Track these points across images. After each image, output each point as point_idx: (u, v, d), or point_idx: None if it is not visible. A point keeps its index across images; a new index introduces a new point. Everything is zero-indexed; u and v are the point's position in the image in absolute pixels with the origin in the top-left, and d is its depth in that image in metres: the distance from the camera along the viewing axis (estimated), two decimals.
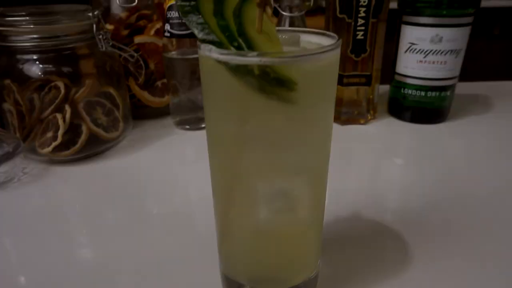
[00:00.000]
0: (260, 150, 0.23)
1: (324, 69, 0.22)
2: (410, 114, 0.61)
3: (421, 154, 0.53)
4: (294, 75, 0.20)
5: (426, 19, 0.54)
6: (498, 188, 0.44)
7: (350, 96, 0.61)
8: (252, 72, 0.20)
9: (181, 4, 0.22)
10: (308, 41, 0.26)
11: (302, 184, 0.25)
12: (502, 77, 2.18)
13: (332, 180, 0.46)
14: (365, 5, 0.53)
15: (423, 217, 0.39)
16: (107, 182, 0.47)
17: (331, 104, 0.24)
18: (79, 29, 0.48)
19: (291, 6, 0.55)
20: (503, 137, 0.57)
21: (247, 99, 0.21)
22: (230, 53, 0.20)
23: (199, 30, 0.22)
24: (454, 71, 0.57)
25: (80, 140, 0.50)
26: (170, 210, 0.41)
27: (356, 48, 0.56)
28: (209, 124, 0.24)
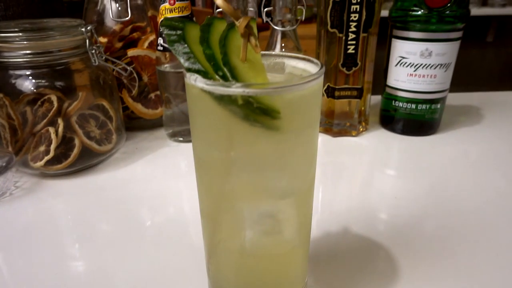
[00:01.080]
0: (246, 175, 0.23)
1: (307, 97, 0.22)
2: (402, 126, 0.62)
3: (412, 167, 0.53)
4: (277, 105, 0.21)
5: (416, 34, 0.55)
6: (488, 201, 0.44)
7: (342, 108, 0.62)
8: (236, 102, 0.21)
9: (167, 33, 0.23)
10: (294, 66, 0.26)
11: (288, 206, 0.25)
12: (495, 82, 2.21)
13: (322, 193, 0.47)
14: (356, 20, 0.54)
15: (413, 232, 0.39)
16: (99, 196, 0.47)
17: (314, 129, 0.25)
18: (72, 44, 0.48)
19: (283, 21, 0.56)
20: (493, 149, 0.58)
21: (232, 126, 0.22)
22: (215, 84, 0.21)
23: (185, 59, 0.22)
24: (444, 84, 0.58)
25: (73, 154, 0.50)
26: (163, 223, 0.42)
27: (347, 62, 0.57)
28: (195, 148, 0.25)
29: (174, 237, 0.39)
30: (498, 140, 0.61)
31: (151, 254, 0.37)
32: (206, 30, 0.23)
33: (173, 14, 0.53)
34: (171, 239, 0.39)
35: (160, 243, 0.39)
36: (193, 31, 0.23)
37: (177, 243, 0.38)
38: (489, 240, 0.38)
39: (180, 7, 0.53)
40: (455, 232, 0.39)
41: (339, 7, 0.54)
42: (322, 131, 0.63)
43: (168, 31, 0.23)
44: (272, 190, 0.24)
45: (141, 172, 0.53)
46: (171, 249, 0.38)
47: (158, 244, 0.39)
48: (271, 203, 0.24)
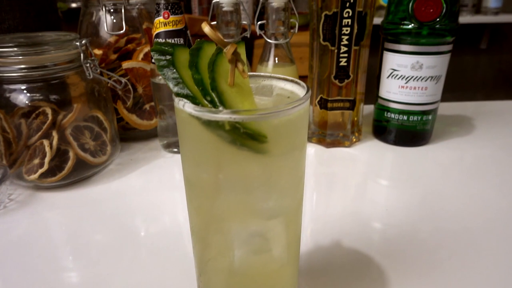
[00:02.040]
0: (234, 196, 0.24)
1: (294, 121, 0.23)
2: (394, 137, 0.63)
3: (403, 178, 0.54)
4: (263, 130, 0.21)
5: (407, 47, 0.56)
6: (479, 213, 0.45)
7: (335, 118, 0.62)
8: (223, 127, 0.21)
9: (157, 58, 0.23)
10: (282, 87, 0.27)
11: (276, 226, 0.26)
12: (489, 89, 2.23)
13: (314, 205, 0.48)
14: (348, 34, 0.55)
15: (404, 245, 0.40)
16: (94, 208, 0.48)
17: (301, 150, 0.25)
18: (67, 58, 0.49)
19: (276, 34, 0.56)
20: (484, 160, 0.59)
21: (220, 149, 0.22)
22: (202, 110, 0.21)
23: (174, 84, 0.23)
24: (435, 96, 0.59)
25: (67, 166, 0.50)
26: (158, 235, 0.42)
27: (340, 74, 0.58)
28: (185, 169, 0.25)
29: (169, 249, 0.40)
30: (489, 151, 0.62)
31: (146, 266, 0.37)
32: (195, 54, 0.24)
33: (167, 27, 0.53)
34: (166, 252, 0.39)
35: (155, 255, 0.39)
36: (182, 55, 0.24)
37: (172, 255, 0.39)
38: (479, 252, 0.38)
39: (174, 20, 0.53)
40: (446, 245, 0.40)
41: (331, 21, 0.55)
42: (316, 141, 0.64)
43: (157, 56, 0.23)
44: (260, 211, 0.24)
45: (135, 183, 0.54)
46: (166, 261, 0.38)
47: (153, 256, 0.39)
48: (259, 224, 0.25)
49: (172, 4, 0.53)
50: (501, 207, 0.46)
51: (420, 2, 0.53)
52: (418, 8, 0.54)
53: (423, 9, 0.53)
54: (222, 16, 0.56)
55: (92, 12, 0.61)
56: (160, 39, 0.54)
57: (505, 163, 0.58)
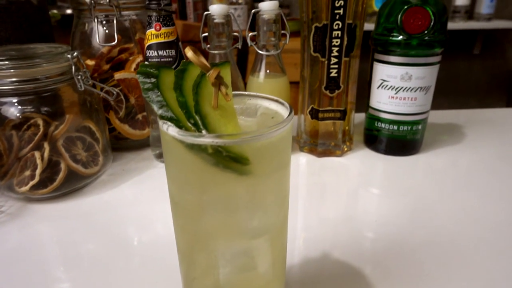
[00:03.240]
0: (218, 217, 0.24)
1: (276, 143, 0.23)
2: (385, 146, 0.63)
3: (393, 188, 0.55)
4: (246, 153, 0.22)
5: (396, 58, 0.57)
6: (468, 222, 0.45)
7: (326, 128, 0.63)
8: (206, 150, 0.22)
9: (142, 81, 0.24)
10: (266, 107, 0.27)
11: (261, 244, 0.26)
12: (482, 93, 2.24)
13: (304, 217, 0.48)
14: (338, 45, 0.56)
15: (394, 257, 0.40)
16: (86, 219, 0.48)
17: (285, 169, 0.26)
18: (58, 71, 0.49)
19: (267, 46, 0.57)
20: (474, 169, 0.60)
21: (204, 171, 0.23)
22: (185, 134, 0.22)
23: (158, 107, 0.23)
24: (425, 106, 0.60)
25: (58, 178, 0.51)
26: (151, 247, 0.42)
27: (330, 85, 0.58)
28: (170, 190, 0.26)
29: (161, 261, 0.40)
30: (479, 161, 0.62)
31: (138, 278, 0.38)
32: (180, 76, 0.24)
33: (159, 39, 0.54)
34: (159, 263, 0.39)
35: (147, 266, 0.39)
36: (168, 77, 0.24)
37: (164, 267, 0.39)
38: (468, 263, 0.39)
39: (166, 32, 0.54)
40: (434, 256, 0.40)
41: (321, 32, 0.55)
42: (307, 151, 0.65)
43: (143, 79, 0.24)
44: (244, 231, 0.25)
45: (128, 194, 0.54)
46: (158, 273, 0.38)
47: (145, 268, 0.39)
48: (244, 243, 0.25)
49: (163, 16, 0.53)
50: (490, 218, 0.47)
51: (408, 14, 0.54)
52: (407, 20, 0.54)
53: (412, 21, 0.54)
54: (214, 27, 0.56)
55: (85, 22, 0.61)
56: (151, 51, 0.55)
57: (495, 172, 0.58)
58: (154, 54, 0.55)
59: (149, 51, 0.55)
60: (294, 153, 0.65)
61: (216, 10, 0.55)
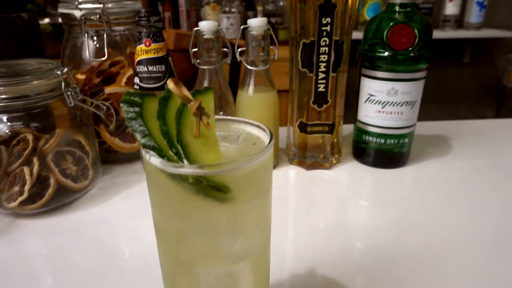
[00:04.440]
0: (200, 242, 0.25)
1: (257, 171, 0.24)
2: (372, 159, 0.64)
3: (380, 201, 0.56)
4: (226, 182, 0.23)
5: (383, 74, 0.58)
6: (454, 234, 0.46)
7: (315, 141, 0.64)
8: (187, 180, 0.22)
9: (126, 110, 0.24)
10: (249, 132, 0.28)
11: (244, 267, 0.27)
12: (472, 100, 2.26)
13: (292, 231, 0.49)
14: (325, 61, 0.57)
15: (381, 271, 0.41)
16: (75, 235, 0.48)
17: (266, 195, 0.26)
18: (48, 88, 0.49)
19: (256, 61, 0.58)
20: (458, 181, 0.61)
21: (185, 199, 0.23)
22: (166, 164, 0.22)
23: (141, 136, 0.24)
24: (411, 120, 0.61)
25: (47, 193, 0.51)
26: (141, 262, 0.42)
27: (318, 99, 0.59)
28: (153, 216, 0.26)
29: (151, 276, 0.40)
30: (464, 173, 0.63)
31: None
32: (163, 104, 0.25)
33: (149, 55, 0.54)
34: (148, 277, 0.40)
35: (137, 281, 0.39)
36: (151, 105, 0.25)
37: (155, 283, 0.39)
38: (455, 274, 0.40)
39: (156, 48, 0.54)
40: (423, 268, 0.41)
41: (309, 48, 0.56)
42: (296, 163, 0.65)
43: (126, 108, 0.24)
44: (226, 255, 0.25)
45: (117, 208, 0.54)
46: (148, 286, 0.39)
47: (135, 282, 0.39)
48: (226, 267, 0.26)
49: (153, 32, 0.54)
50: (477, 231, 0.48)
51: (394, 31, 0.55)
52: (392, 37, 0.56)
53: (397, 38, 0.55)
54: (203, 43, 0.57)
55: (75, 37, 0.61)
56: (141, 66, 0.55)
57: (481, 185, 0.59)
58: (144, 69, 0.55)
59: (139, 67, 0.55)
60: (284, 165, 0.66)
61: (206, 26, 0.56)
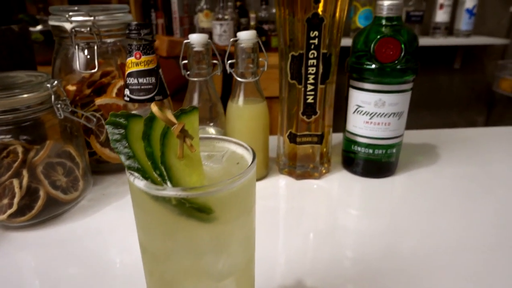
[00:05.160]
0: (184, 261, 0.25)
1: (239, 192, 0.25)
2: (361, 168, 0.65)
3: (368, 210, 0.56)
4: (209, 203, 0.23)
5: (370, 85, 0.59)
6: (440, 243, 0.47)
7: (305, 151, 0.64)
8: (170, 202, 0.23)
9: (111, 131, 0.25)
10: (233, 151, 0.29)
11: (228, 285, 0.27)
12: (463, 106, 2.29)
13: (280, 243, 0.49)
14: (314, 73, 0.57)
15: (370, 280, 0.42)
16: (65, 247, 0.48)
17: (250, 213, 0.27)
18: (38, 101, 0.50)
19: (245, 73, 0.58)
20: (446, 190, 0.62)
21: (169, 219, 0.24)
22: (150, 186, 0.23)
23: (126, 158, 0.24)
24: (398, 131, 0.62)
25: (37, 205, 0.51)
26: (132, 274, 0.43)
27: (307, 110, 0.60)
28: (138, 235, 0.27)
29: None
30: (453, 181, 0.64)
31: None
32: (149, 125, 0.26)
33: (139, 67, 0.55)
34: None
35: None
36: (137, 126, 0.25)
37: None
38: (442, 284, 0.41)
39: (146, 60, 0.55)
40: (411, 278, 0.41)
41: (297, 61, 0.57)
42: (286, 173, 0.66)
43: (111, 130, 0.25)
44: (210, 274, 0.26)
45: (108, 220, 0.54)
46: None
47: None
48: (210, 285, 0.26)
49: (144, 45, 0.54)
50: (464, 241, 0.48)
51: (380, 44, 0.56)
52: (379, 50, 0.57)
53: (384, 51, 0.56)
54: (193, 55, 0.58)
55: (66, 48, 0.62)
56: (132, 78, 0.56)
57: (469, 194, 0.60)
58: (134, 81, 0.56)
59: (130, 79, 0.56)
60: (274, 175, 0.66)
61: (196, 39, 0.56)
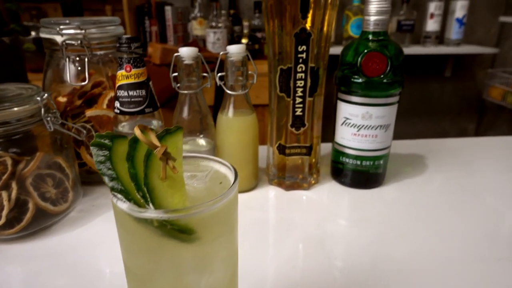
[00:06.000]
0: (167, 280, 0.26)
1: (221, 213, 0.25)
2: (350, 179, 0.66)
3: (356, 221, 0.57)
4: (190, 225, 0.24)
5: (358, 99, 0.60)
6: (425, 254, 0.48)
7: (294, 162, 0.65)
8: (152, 223, 0.23)
9: (96, 153, 0.25)
10: (217, 170, 0.29)
11: None
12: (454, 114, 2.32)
13: (269, 256, 0.50)
14: (302, 86, 0.58)
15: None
16: (54, 260, 0.48)
17: (231, 233, 0.27)
18: (28, 114, 0.50)
19: (235, 86, 0.59)
20: (433, 201, 0.63)
21: (152, 240, 0.24)
22: (132, 209, 0.23)
23: (109, 180, 0.25)
24: (385, 143, 0.63)
25: (26, 218, 0.51)
26: (122, 285, 0.43)
27: (296, 123, 0.61)
28: (122, 255, 0.27)
29: None
30: (440, 192, 0.65)
31: None
32: (133, 146, 0.26)
33: (129, 80, 0.55)
34: None
35: None
36: (121, 147, 0.26)
37: None
38: None
39: (136, 73, 0.56)
40: (402, 285, 0.42)
41: (286, 74, 0.58)
42: (276, 184, 0.67)
43: (96, 151, 0.25)
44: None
45: (98, 231, 0.54)
46: None
47: None
48: None
49: (134, 58, 0.55)
50: (450, 253, 0.49)
51: (367, 58, 0.58)
52: (366, 64, 0.58)
53: (370, 65, 0.58)
54: (183, 69, 0.58)
55: (57, 60, 0.62)
56: (122, 91, 0.56)
57: (455, 204, 0.61)
58: (124, 94, 0.56)
59: (120, 91, 0.57)
60: (264, 186, 0.67)
61: (186, 52, 0.57)
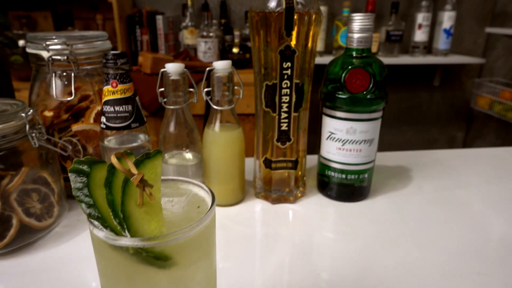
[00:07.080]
0: None
1: (198, 237, 0.26)
2: (335, 193, 0.67)
3: (341, 235, 0.58)
4: (166, 252, 0.24)
5: (342, 114, 0.61)
6: (413, 266, 0.49)
7: (280, 175, 0.66)
8: (128, 251, 0.24)
9: (74, 180, 0.26)
10: (196, 193, 0.30)
11: None
12: (443, 122, 2.35)
13: (257, 271, 0.50)
14: (287, 102, 0.59)
15: None
16: (39, 276, 0.48)
17: (208, 256, 0.28)
18: (13, 130, 0.50)
19: (221, 101, 0.60)
20: (417, 214, 0.64)
21: (128, 266, 0.25)
22: (108, 236, 0.24)
23: (87, 206, 0.25)
24: (369, 157, 0.64)
25: (9, 234, 0.51)
26: None
27: (282, 137, 0.62)
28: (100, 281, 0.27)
29: None
30: (424, 205, 0.66)
31: None
32: (111, 172, 0.27)
33: (116, 95, 0.56)
34: None
35: None
36: (100, 173, 0.26)
37: None
38: None
39: (122, 89, 0.56)
40: None
41: (271, 90, 0.59)
42: (262, 197, 0.67)
43: (74, 178, 0.26)
44: None
45: (83, 247, 0.54)
46: None
47: None
48: None
49: (120, 74, 0.56)
50: (435, 262, 0.50)
51: (351, 75, 0.59)
52: (349, 80, 0.59)
53: (354, 81, 0.59)
54: (170, 84, 0.59)
55: (43, 75, 0.62)
56: (108, 106, 0.57)
57: (439, 217, 0.62)
58: (111, 109, 0.57)
59: (106, 106, 0.57)
60: (250, 199, 0.68)
61: (172, 68, 0.58)
